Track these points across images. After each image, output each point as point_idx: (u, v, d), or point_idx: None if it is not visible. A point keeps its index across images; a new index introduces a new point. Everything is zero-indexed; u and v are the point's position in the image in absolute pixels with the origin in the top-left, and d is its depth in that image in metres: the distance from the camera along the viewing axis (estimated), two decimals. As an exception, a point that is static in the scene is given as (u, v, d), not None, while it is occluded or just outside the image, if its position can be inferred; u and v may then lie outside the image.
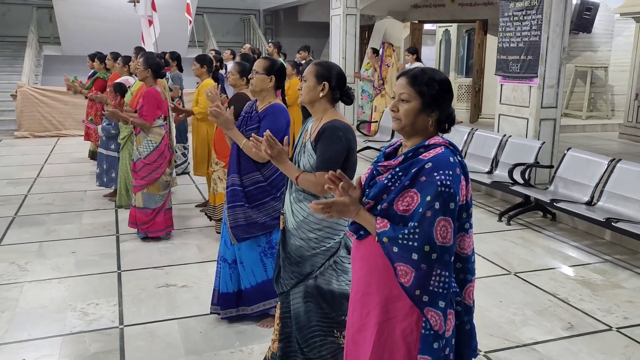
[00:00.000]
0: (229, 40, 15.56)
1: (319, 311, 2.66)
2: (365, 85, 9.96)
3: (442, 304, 1.86)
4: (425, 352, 1.88)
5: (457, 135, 7.04)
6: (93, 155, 8.53)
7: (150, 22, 9.42)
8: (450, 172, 1.81)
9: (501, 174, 6.07)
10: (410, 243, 1.79)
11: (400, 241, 1.80)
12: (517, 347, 3.33)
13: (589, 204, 5.09)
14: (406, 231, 1.79)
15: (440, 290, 1.84)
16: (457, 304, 1.95)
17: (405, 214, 1.84)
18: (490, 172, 6.28)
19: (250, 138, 2.66)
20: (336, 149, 2.51)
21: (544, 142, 5.90)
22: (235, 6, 15.99)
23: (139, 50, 8.61)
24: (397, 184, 1.86)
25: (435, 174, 1.80)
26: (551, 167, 5.96)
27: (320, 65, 2.65)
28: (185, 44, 13.38)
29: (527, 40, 6.05)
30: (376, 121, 9.11)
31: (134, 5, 9.86)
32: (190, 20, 11.35)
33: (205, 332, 3.49)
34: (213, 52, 10.18)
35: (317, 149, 2.54)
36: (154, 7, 9.37)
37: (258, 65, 3.40)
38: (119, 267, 4.50)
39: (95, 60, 7.94)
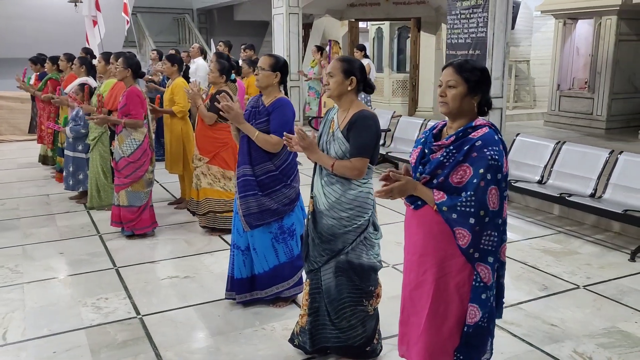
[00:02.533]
0: (162, 39, 15.38)
1: (349, 284, 2.95)
2: (311, 82, 10.27)
3: (490, 259, 2.22)
4: (474, 301, 2.23)
5: (410, 126, 7.53)
6: (44, 159, 8.34)
7: (95, 23, 9.27)
8: (497, 148, 2.16)
9: (456, 160, 6.58)
10: (467, 209, 2.13)
11: (458, 208, 2.13)
12: (505, 307, 3.74)
13: (540, 182, 5.68)
14: (463, 199, 2.13)
15: (490, 247, 2.20)
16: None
17: (458, 186, 2.18)
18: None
19: (283, 137, 2.91)
20: (369, 136, 2.82)
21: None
22: (168, 5, 15.83)
23: (86, 51, 8.49)
24: (451, 160, 2.19)
25: (485, 150, 2.14)
26: (502, 151, 6.53)
27: (345, 61, 2.93)
28: (120, 43, 13.14)
29: (474, 37, 6.59)
30: (327, 116, 9.43)
31: (75, 5, 9.64)
32: (127, 20, 11.21)
33: (223, 315, 3.69)
34: (155, 53, 10.16)
35: (350, 137, 2.82)
36: (98, 7, 9.22)
37: (263, 62, 3.61)
38: (114, 264, 4.57)
39: (47, 62, 7.76)
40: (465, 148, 2.18)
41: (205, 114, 4.93)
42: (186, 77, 6.01)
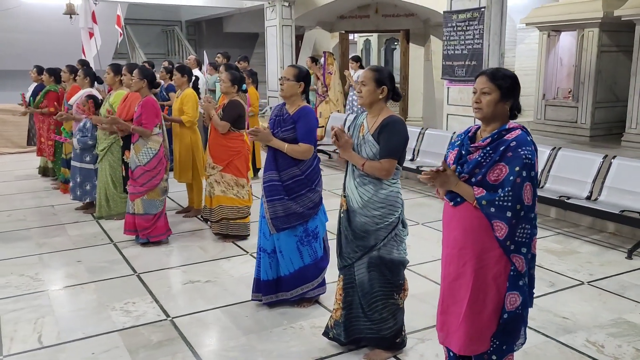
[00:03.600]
0: (150, 51, 15.46)
1: (381, 278, 3.14)
2: (306, 93, 10.45)
3: (524, 250, 2.42)
4: (513, 289, 2.43)
5: (410, 135, 7.74)
6: (44, 171, 8.38)
7: (91, 35, 9.36)
8: (530, 148, 2.37)
9: (454, 166, 6.81)
10: (505, 204, 2.33)
11: (497, 203, 2.33)
12: (518, 303, 3.98)
13: (538, 186, 5.92)
14: (502, 195, 2.33)
15: (524, 239, 2.40)
16: (527, 252, 2.51)
17: (495, 183, 2.38)
18: (443, 166, 7.00)
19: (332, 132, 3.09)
20: (399, 139, 3.03)
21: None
22: (157, 17, 15.92)
23: (83, 62, 8.58)
24: (488, 160, 2.39)
25: (520, 150, 2.35)
26: (498, 158, 6.79)
27: (376, 71, 3.13)
28: (110, 55, 13.21)
29: (470, 48, 6.86)
30: (322, 126, 9.63)
31: (70, 17, 9.72)
32: (120, 32, 11.34)
33: (251, 316, 3.83)
34: (146, 65, 10.28)
35: (381, 140, 3.02)
36: (94, 20, 9.31)
37: (288, 73, 3.79)
38: (134, 271, 4.68)
39: (44, 73, 7.81)
40: (501, 149, 2.37)
41: (219, 123, 5.07)
42: (195, 88, 6.13)
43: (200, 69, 9.78)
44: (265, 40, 11.49)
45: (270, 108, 11.30)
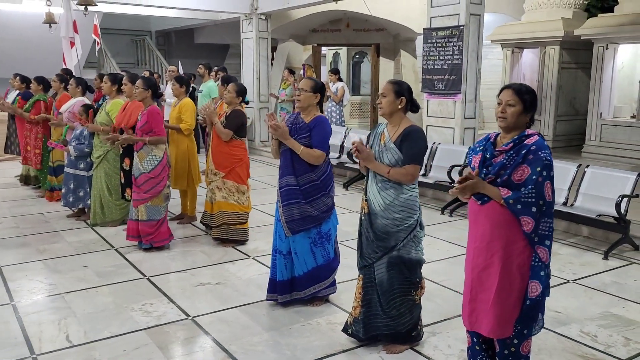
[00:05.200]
0: (120, 61, 15.36)
1: (400, 277, 3.40)
2: (283, 104, 10.70)
3: (547, 242, 2.73)
4: (535, 278, 2.74)
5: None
6: (26, 179, 8.31)
7: (72, 44, 9.35)
8: (548, 151, 2.70)
9: (435, 175, 7.18)
10: (530, 200, 2.64)
11: (522, 199, 2.64)
12: (513, 298, 4.31)
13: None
14: (526, 192, 2.64)
15: (547, 232, 2.72)
16: (544, 246, 2.83)
17: (519, 182, 2.69)
18: (424, 175, 7.34)
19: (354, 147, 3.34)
20: (420, 146, 3.31)
21: (470, 147, 7.12)
22: (126, 27, 15.85)
23: (66, 71, 8.59)
24: (512, 162, 2.70)
25: (540, 152, 2.67)
26: (478, 167, 7.19)
27: (396, 83, 3.41)
28: (81, 64, 13.10)
29: (450, 63, 7.27)
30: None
31: (50, 26, 9.68)
32: (98, 42, 11.33)
33: (268, 314, 4.03)
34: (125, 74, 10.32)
35: (403, 148, 3.29)
36: (75, 29, 9.32)
37: (305, 85, 4.03)
38: (143, 274, 4.79)
39: (33, 82, 7.79)
40: (523, 152, 2.69)
41: (222, 130, 5.26)
42: (193, 98, 6.29)
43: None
44: (241, 52, 11.67)
45: (248, 118, 11.47)
